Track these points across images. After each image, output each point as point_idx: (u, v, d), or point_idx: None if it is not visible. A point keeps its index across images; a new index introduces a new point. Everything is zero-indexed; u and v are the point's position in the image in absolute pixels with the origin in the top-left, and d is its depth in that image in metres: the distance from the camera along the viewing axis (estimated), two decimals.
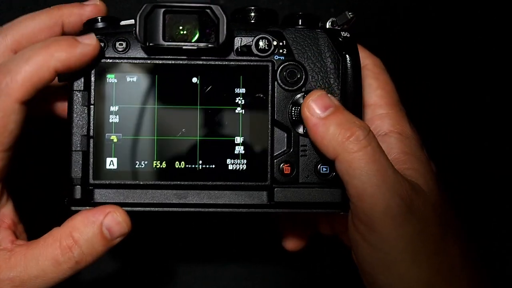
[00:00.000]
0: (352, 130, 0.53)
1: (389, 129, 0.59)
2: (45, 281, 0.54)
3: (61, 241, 0.54)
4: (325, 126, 0.53)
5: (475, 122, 0.82)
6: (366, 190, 0.51)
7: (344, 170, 0.52)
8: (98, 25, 0.58)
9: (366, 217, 0.52)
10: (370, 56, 0.62)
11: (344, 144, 0.52)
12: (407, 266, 0.52)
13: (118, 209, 0.55)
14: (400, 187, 0.52)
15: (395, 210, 0.51)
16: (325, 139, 0.53)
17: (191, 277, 0.79)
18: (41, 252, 0.54)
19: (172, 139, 0.57)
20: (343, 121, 0.53)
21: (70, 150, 0.56)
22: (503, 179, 0.82)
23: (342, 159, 0.52)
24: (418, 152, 0.58)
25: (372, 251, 0.53)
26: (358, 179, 0.52)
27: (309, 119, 0.54)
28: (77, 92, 0.57)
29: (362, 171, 0.52)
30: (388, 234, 0.52)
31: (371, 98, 0.61)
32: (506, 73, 0.82)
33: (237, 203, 0.57)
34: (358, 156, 0.52)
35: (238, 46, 0.58)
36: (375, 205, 0.51)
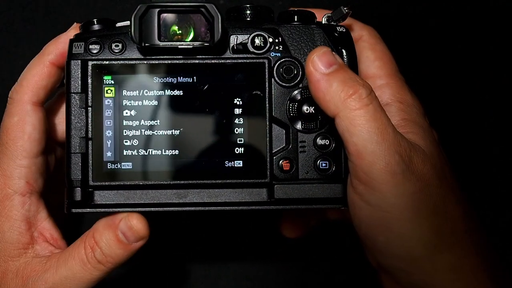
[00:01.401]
0: (355, 88, 0.52)
1: (390, 98, 0.59)
2: (75, 282, 0.56)
3: (85, 241, 0.57)
4: (328, 82, 0.53)
5: (475, 122, 0.82)
6: (366, 147, 0.51)
7: (345, 127, 0.52)
8: (94, 28, 0.58)
9: (365, 176, 0.52)
10: (364, 27, 0.63)
11: (346, 101, 0.52)
12: (407, 225, 0.52)
13: (132, 215, 0.57)
14: (400, 146, 0.52)
15: (395, 167, 0.51)
16: (327, 95, 0.53)
17: (191, 277, 0.79)
18: (71, 253, 0.57)
19: (171, 138, 0.57)
20: (346, 78, 0.53)
21: (69, 152, 0.56)
22: (502, 177, 0.82)
23: (343, 116, 0.52)
24: (418, 118, 0.58)
25: (372, 211, 0.53)
26: (358, 136, 0.51)
27: (312, 74, 0.53)
28: (74, 95, 0.57)
29: (363, 128, 0.51)
30: (388, 192, 0.51)
31: (370, 69, 0.61)
32: (506, 71, 0.82)
33: (237, 201, 0.57)
34: (359, 113, 0.51)
35: (234, 44, 0.58)
36: (375, 162, 0.51)
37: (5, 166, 0.57)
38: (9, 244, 0.57)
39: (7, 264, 0.57)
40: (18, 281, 0.57)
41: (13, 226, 0.57)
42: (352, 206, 0.55)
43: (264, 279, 0.81)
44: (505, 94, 0.82)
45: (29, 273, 0.56)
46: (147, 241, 0.58)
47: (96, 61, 0.57)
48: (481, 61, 0.82)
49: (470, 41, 0.82)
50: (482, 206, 0.81)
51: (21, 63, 0.61)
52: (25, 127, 0.57)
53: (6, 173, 0.57)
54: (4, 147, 0.58)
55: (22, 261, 0.57)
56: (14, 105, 0.58)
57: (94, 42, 0.57)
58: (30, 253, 0.58)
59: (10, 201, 0.57)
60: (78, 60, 0.57)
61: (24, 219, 0.58)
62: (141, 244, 0.57)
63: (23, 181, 0.57)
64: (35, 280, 0.56)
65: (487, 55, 0.82)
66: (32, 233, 0.58)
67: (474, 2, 0.82)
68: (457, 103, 0.82)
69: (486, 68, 0.82)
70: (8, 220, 0.57)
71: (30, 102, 0.58)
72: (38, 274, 0.56)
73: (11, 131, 0.57)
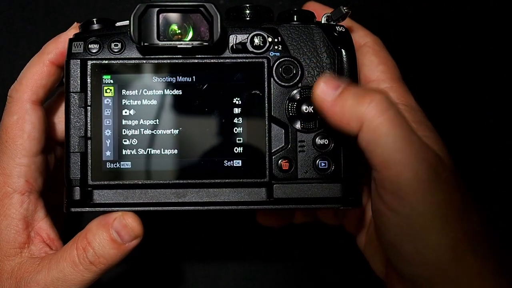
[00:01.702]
0: (371, 97, 0.50)
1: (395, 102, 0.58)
2: (66, 284, 0.56)
3: (78, 242, 0.56)
4: (342, 102, 0.51)
5: (475, 122, 0.82)
6: (392, 156, 0.50)
7: (369, 140, 0.50)
8: (94, 27, 0.58)
9: (392, 185, 0.50)
10: (369, 35, 0.62)
11: (366, 111, 0.50)
12: (435, 233, 0.51)
13: (127, 213, 0.56)
14: (427, 153, 0.51)
15: (423, 176, 0.50)
16: (345, 114, 0.51)
17: (191, 277, 0.79)
18: (62, 255, 0.56)
19: (170, 138, 0.57)
20: (358, 91, 0.51)
21: (68, 152, 0.56)
22: (502, 177, 0.82)
23: (366, 128, 0.50)
24: (425, 121, 0.57)
25: (399, 219, 0.51)
26: (383, 146, 0.50)
27: (324, 102, 0.52)
28: (73, 94, 0.57)
29: (388, 137, 0.50)
30: (417, 201, 0.50)
31: (373, 73, 0.60)
32: (506, 71, 0.82)
33: (236, 200, 0.57)
34: (381, 121, 0.50)
35: (233, 43, 0.58)
36: (402, 171, 0.50)
37: (5, 165, 0.58)
38: (6, 243, 0.57)
39: (3, 264, 0.57)
40: (12, 282, 0.57)
41: (10, 225, 0.57)
42: (378, 215, 0.53)
43: (264, 279, 0.81)
44: (505, 94, 0.82)
45: (22, 274, 0.56)
46: (140, 242, 0.57)
47: (95, 60, 0.57)
48: (481, 61, 0.82)
49: (470, 41, 0.82)
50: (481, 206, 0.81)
51: (21, 63, 0.60)
52: (25, 126, 0.57)
53: (5, 172, 0.57)
54: (4, 145, 0.58)
55: (17, 261, 0.57)
56: (14, 104, 0.58)
57: (94, 42, 0.57)
58: (25, 253, 0.58)
59: (9, 199, 0.57)
60: (78, 59, 0.57)
61: (22, 218, 0.58)
62: (135, 244, 0.57)
63: (23, 180, 0.57)
64: (28, 281, 0.56)
65: (487, 55, 0.82)
66: (29, 233, 0.58)
67: (474, 2, 0.82)
68: (457, 103, 0.82)
69: (486, 68, 0.82)
70: (6, 218, 0.57)
71: (29, 100, 0.58)
72: (30, 276, 0.56)
73: (11, 130, 0.57)
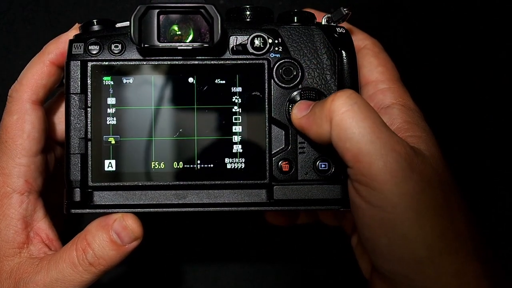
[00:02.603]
0: (334, 97, 0.52)
1: (391, 101, 0.59)
2: (66, 285, 0.56)
3: (77, 243, 0.56)
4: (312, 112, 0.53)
5: (475, 122, 0.82)
6: (361, 149, 0.50)
7: (337, 137, 0.51)
8: (94, 28, 0.58)
9: (365, 178, 0.51)
10: (369, 38, 0.63)
11: (331, 109, 0.51)
12: (410, 226, 0.51)
13: (127, 215, 0.56)
14: (397, 144, 0.51)
15: (394, 165, 0.50)
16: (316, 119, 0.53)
17: (191, 277, 0.79)
18: (62, 256, 0.56)
19: (170, 139, 0.57)
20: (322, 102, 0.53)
21: (69, 153, 0.56)
22: (502, 177, 0.82)
23: (334, 125, 0.51)
24: (420, 122, 0.58)
25: (374, 212, 0.52)
26: (351, 139, 0.50)
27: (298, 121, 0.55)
28: (73, 95, 0.57)
29: (354, 130, 0.50)
30: (389, 192, 0.51)
31: (372, 74, 0.61)
32: (506, 71, 0.82)
33: (236, 202, 0.57)
34: (346, 115, 0.51)
35: (234, 45, 0.58)
36: (373, 163, 0.50)
37: (4, 165, 0.58)
38: (5, 243, 0.57)
39: (1, 264, 0.57)
40: (11, 282, 0.57)
41: (9, 225, 0.57)
42: (355, 208, 0.54)
43: (264, 279, 0.81)
44: (505, 94, 0.82)
45: (21, 274, 0.56)
46: (141, 243, 0.57)
47: (95, 61, 0.57)
48: (481, 61, 0.82)
49: (470, 41, 0.82)
50: (482, 206, 0.81)
51: (21, 63, 0.60)
52: (25, 126, 0.57)
53: (5, 172, 0.57)
54: (4, 145, 0.58)
55: (16, 261, 0.57)
56: (14, 104, 0.58)
57: (94, 43, 0.57)
58: (24, 253, 0.58)
59: (8, 199, 0.57)
60: (78, 60, 0.57)
61: (21, 218, 0.58)
62: (135, 246, 0.57)
63: (22, 180, 0.57)
64: (26, 282, 0.56)
65: (487, 55, 0.82)
66: (28, 233, 0.58)
67: (474, 2, 0.82)
68: (457, 103, 0.82)
69: (486, 68, 0.82)
70: (5, 218, 0.57)
71: (29, 100, 0.58)
72: (29, 276, 0.56)
73: (11, 130, 0.57)
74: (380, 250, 0.53)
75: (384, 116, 0.55)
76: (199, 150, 0.57)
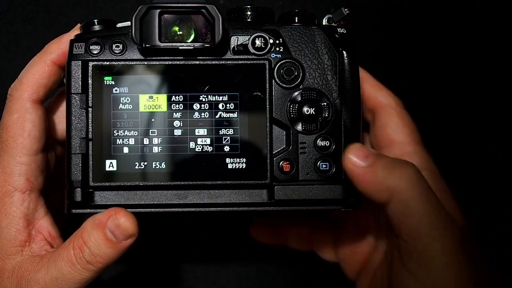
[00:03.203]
0: (402, 169, 0.53)
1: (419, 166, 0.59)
2: (66, 283, 0.56)
3: (74, 242, 0.56)
4: (373, 172, 0.54)
5: (475, 122, 0.82)
6: (422, 229, 0.52)
7: (399, 212, 0.53)
8: (95, 28, 0.58)
9: (420, 256, 0.53)
10: (392, 95, 0.64)
11: (398, 184, 0.53)
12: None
13: (119, 212, 0.55)
14: (453, 226, 0.53)
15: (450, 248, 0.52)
16: (376, 184, 0.53)
17: (191, 277, 0.79)
18: (60, 254, 0.56)
19: (171, 139, 0.57)
20: (388, 162, 0.54)
21: (70, 153, 0.56)
22: (502, 177, 0.82)
23: (397, 200, 0.53)
24: (445, 187, 0.60)
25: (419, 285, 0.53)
26: (413, 219, 0.52)
27: (355, 171, 0.54)
28: (75, 95, 0.57)
29: (418, 211, 0.52)
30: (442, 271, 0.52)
31: (398, 136, 0.62)
32: (506, 71, 0.82)
33: (237, 202, 0.57)
34: (412, 195, 0.52)
35: (235, 45, 0.58)
36: (431, 244, 0.52)
37: (5, 163, 0.57)
38: (7, 241, 0.57)
39: (4, 263, 0.57)
40: (13, 281, 0.56)
41: (11, 223, 0.57)
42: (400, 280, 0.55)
43: (264, 279, 0.81)
44: (505, 94, 0.82)
45: (23, 272, 0.56)
46: (142, 243, 0.57)
47: (96, 61, 0.57)
48: (481, 61, 0.82)
49: (470, 41, 0.82)
50: (482, 206, 0.81)
51: (21, 63, 0.60)
52: (25, 125, 0.57)
53: (6, 170, 0.57)
54: (4, 144, 0.58)
55: (18, 259, 0.57)
56: (14, 102, 0.58)
57: (95, 43, 0.57)
58: (26, 251, 0.58)
59: (9, 198, 0.57)
60: (79, 60, 0.57)
61: (23, 216, 0.57)
62: (131, 242, 0.56)
63: (23, 178, 0.57)
64: (28, 280, 0.56)
65: (487, 55, 0.82)
66: (30, 231, 0.58)
67: (474, 2, 0.82)
68: (457, 103, 0.82)
69: (486, 68, 0.82)
70: (6, 217, 0.57)
71: (30, 99, 0.58)
72: (30, 274, 0.56)
73: (11, 129, 0.57)
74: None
75: None
76: (200, 150, 0.57)
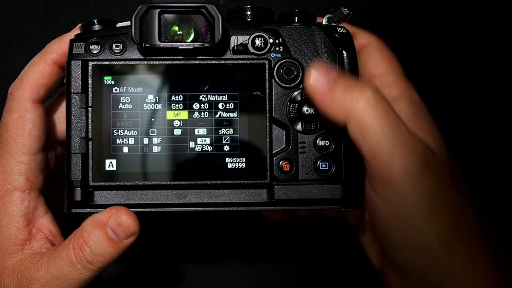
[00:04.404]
0: (360, 91, 0.52)
1: (398, 94, 0.60)
2: (66, 281, 0.56)
3: (73, 241, 0.56)
4: (332, 94, 0.53)
5: (475, 122, 0.82)
6: (382, 148, 0.51)
7: (358, 133, 0.52)
8: (95, 28, 0.58)
9: (383, 175, 0.52)
10: (372, 35, 0.64)
11: (354, 106, 0.51)
12: (426, 222, 0.52)
13: (121, 210, 0.56)
14: (416, 146, 0.52)
15: (412, 166, 0.51)
16: (334, 106, 0.52)
17: (191, 277, 0.79)
18: (60, 253, 0.56)
19: (170, 139, 0.57)
20: (349, 84, 0.53)
21: (69, 153, 0.56)
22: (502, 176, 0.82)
23: (355, 121, 0.51)
24: (426, 115, 0.59)
25: (390, 208, 0.53)
26: (373, 139, 0.51)
27: (314, 91, 0.53)
28: (74, 95, 0.57)
29: (376, 130, 0.51)
30: (406, 190, 0.52)
31: (378, 68, 0.62)
32: (506, 71, 0.82)
33: (237, 202, 0.57)
34: (370, 116, 0.51)
35: (234, 44, 0.58)
36: (392, 163, 0.51)
37: (5, 163, 0.58)
38: (7, 240, 0.57)
39: (4, 261, 0.57)
40: (14, 279, 0.57)
41: (11, 222, 0.57)
42: (370, 204, 0.55)
43: (264, 279, 0.81)
44: (505, 94, 0.82)
45: (23, 270, 0.56)
46: (142, 242, 0.57)
47: (96, 61, 0.57)
48: (481, 61, 0.82)
49: (470, 41, 0.82)
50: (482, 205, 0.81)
51: (21, 63, 0.60)
52: (25, 124, 0.57)
53: (6, 170, 0.58)
54: (4, 143, 0.58)
55: (19, 258, 0.57)
56: (14, 102, 0.58)
57: (95, 43, 0.57)
58: (27, 249, 0.58)
59: (9, 197, 0.57)
60: (79, 60, 0.57)
61: (23, 215, 0.58)
62: (132, 241, 0.56)
63: (23, 178, 0.58)
64: (29, 278, 0.56)
65: (487, 55, 0.82)
66: (30, 230, 0.58)
67: (474, 2, 0.82)
68: (456, 103, 0.82)
69: (486, 68, 0.82)
70: (6, 216, 0.57)
71: (30, 99, 0.58)
72: (31, 272, 0.56)
73: (11, 128, 0.57)
74: (394, 244, 0.54)
75: None
76: (199, 150, 0.57)
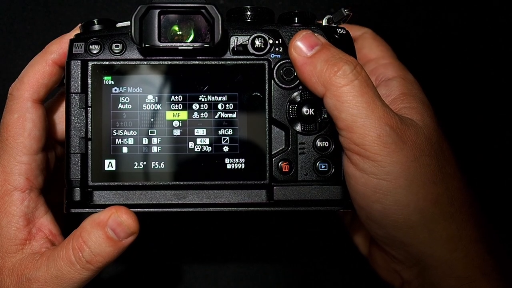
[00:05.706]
0: (339, 65, 0.54)
1: (392, 75, 0.61)
2: (65, 281, 0.56)
3: (73, 241, 0.56)
4: (312, 64, 0.55)
5: (475, 122, 0.82)
6: (356, 121, 0.53)
7: (333, 105, 0.54)
8: (95, 28, 0.58)
9: (358, 147, 0.53)
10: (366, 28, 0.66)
11: (332, 79, 0.53)
12: (403, 192, 0.53)
13: (121, 210, 0.56)
14: (390, 118, 0.53)
15: (386, 137, 0.53)
16: (313, 76, 0.54)
17: (191, 277, 0.79)
18: (59, 253, 0.56)
19: (170, 139, 0.57)
20: (329, 57, 0.54)
21: (69, 153, 0.56)
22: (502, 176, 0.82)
23: (330, 94, 0.53)
24: (418, 93, 0.60)
25: (367, 179, 0.54)
26: (347, 112, 0.53)
27: (296, 59, 0.55)
28: (74, 95, 0.57)
29: (351, 103, 0.53)
30: (382, 161, 0.53)
31: (373, 53, 0.64)
32: (506, 71, 0.82)
33: (236, 202, 0.57)
34: (346, 90, 0.53)
35: (234, 45, 0.58)
36: (366, 134, 0.53)
37: (5, 163, 0.58)
38: (7, 240, 0.57)
39: (4, 261, 0.57)
40: (14, 278, 0.57)
41: (11, 222, 0.57)
42: (348, 177, 0.56)
43: (264, 279, 0.81)
44: (505, 94, 0.82)
45: (23, 270, 0.56)
46: (141, 243, 0.57)
47: (96, 61, 0.57)
48: (481, 61, 0.82)
49: (470, 41, 0.82)
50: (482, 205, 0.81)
51: (21, 63, 0.61)
52: (25, 124, 0.57)
53: (6, 169, 0.58)
54: (4, 143, 0.58)
55: (18, 257, 0.57)
56: (15, 102, 0.58)
57: (94, 43, 0.57)
58: (26, 249, 0.58)
59: (9, 197, 0.57)
60: (78, 60, 0.57)
61: (23, 215, 0.58)
62: (131, 241, 0.56)
63: (23, 178, 0.58)
64: (28, 278, 0.56)
65: (487, 55, 0.82)
66: (30, 229, 0.58)
67: (475, 2, 0.82)
68: (456, 103, 0.82)
69: (486, 68, 0.82)
70: (6, 215, 0.57)
71: (30, 99, 0.58)
72: (30, 272, 0.56)
73: (12, 128, 0.58)
74: (374, 217, 0.55)
75: (384, 88, 0.59)
76: (199, 150, 0.57)
